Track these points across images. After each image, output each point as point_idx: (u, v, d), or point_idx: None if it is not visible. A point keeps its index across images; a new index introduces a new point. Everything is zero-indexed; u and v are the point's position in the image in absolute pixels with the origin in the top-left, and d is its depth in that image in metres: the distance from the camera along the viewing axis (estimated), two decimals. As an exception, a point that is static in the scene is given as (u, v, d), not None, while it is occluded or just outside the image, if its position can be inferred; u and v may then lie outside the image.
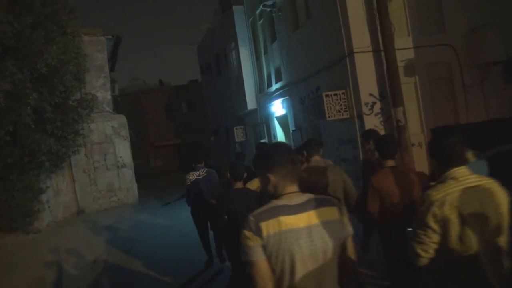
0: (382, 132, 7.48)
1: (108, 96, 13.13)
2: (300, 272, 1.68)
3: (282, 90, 11.23)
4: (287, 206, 1.72)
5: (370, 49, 7.43)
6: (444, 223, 1.99)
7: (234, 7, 14.04)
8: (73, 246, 7.76)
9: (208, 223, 6.00)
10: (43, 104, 7.63)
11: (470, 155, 3.17)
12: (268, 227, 1.67)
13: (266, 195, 1.82)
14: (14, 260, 6.91)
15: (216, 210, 3.89)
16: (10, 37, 6.78)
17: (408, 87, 7.57)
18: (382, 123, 7.49)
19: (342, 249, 1.77)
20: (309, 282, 1.69)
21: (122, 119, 13.19)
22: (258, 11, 12.22)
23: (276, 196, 1.77)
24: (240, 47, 13.77)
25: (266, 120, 13.22)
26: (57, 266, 6.58)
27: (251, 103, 13.76)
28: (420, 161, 7.27)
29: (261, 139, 13.55)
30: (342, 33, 7.67)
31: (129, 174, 13.08)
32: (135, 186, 13.28)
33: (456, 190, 2.00)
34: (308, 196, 1.78)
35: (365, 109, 7.46)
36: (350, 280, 1.80)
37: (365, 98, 7.46)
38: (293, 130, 10.89)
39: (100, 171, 12.63)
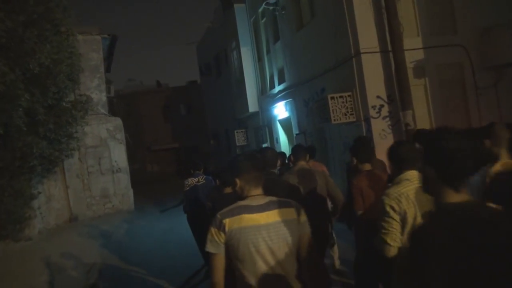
0: (390, 136, 7.46)
1: (103, 97, 13.14)
2: (258, 263, 2.02)
3: (285, 92, 11.23)
4: (250, 206, 2.09)
5: (377, 49, 7.43)
6: (402, 217, 2.35)
7: (236, 5, 14.08)
8: (66, 254, 7.73)
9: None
10: (35, 105, 7.63)
11: None
12: (231, 223, 2.04)
13: (237, 197, 2.21)
14: (3, 269, 6.88)
15: (211, 213, 4.20)
16: (1, 35, 6.79)
17: (418, 89, 7.55)
18: (390, 126, 7.47)
19: (301, 245, 2.09)
20: (267, 272, 2.02)
21: (118, 121, 13.19)
22: (260, 10, 12.24)
23: (243, 197, 2.16)
24: (241, 47, 13.79)
25: (268, 123, 13.20)
26: (48, 275, 6.54)
27: (252, 106, 13.76)
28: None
29: (263, 143, 13.53)
30: (348, 32, 7.67)
31: (124, 179, 13.06)
32: (131, 192, 13.26)
33: (411, 188, 2.35)
34: (269, 198, 2.15)
35: (372, 112, 7.45)
36: (314, 271, 2.08)
37: (372, 100, 7.45)
38: (296, 134, 10.87)
39: (94, 176, 12.62)
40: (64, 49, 8.40)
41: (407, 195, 2.35)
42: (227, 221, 2.04)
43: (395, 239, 2.35)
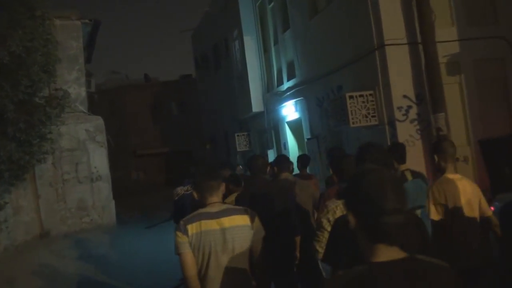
0: (418, 143, 7.44)
1: (83, 92, 13.20)
2: (213, 262, 2.76)
3: (295, 90, 11.26)
4: (208, 213, 2.84)
5: (405, 41, 7.44)
6: None
7: (238, -12, 14.15)
8: (35, 276, 7.73)
9: None
10: (4, 101, 7.68)
11: (408, 174, 4.33)
12: (193, 228, 2.78)
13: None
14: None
15: None
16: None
17: (452, 88, 7.56)
18: (419, 131, 7.48)
19: (253, 249, 2.84)
20: (221, 270, 2.77)
21: (99, 121, 13.24)
22: (267, -7, 12.31)
23: (204, 205, 2.90)
24: (244, 36, 13.84)
25: (275, 125, 13.22)
26: (15, 301, 6.54)
27: (256, 105, 13.80)
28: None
29: (269, 148, 13.54)
30: (370, 21, 7.68)
31: (105, 189, 13.08)
32: (113, 203, 13.27)
33: None
34: (226, 206, 2.94)
35: (398, 115, 7.46)
36: (259, 270, 2.91)
37: (398, 100, 7.46)
38: (308, 139, 10.89)
39: (70, 184, 12.63)
40: (39, 36, 8.46)
41: (342, 207, 2.87)
42: (189, 226, 2.79)
43: (322, 246, 3.00)
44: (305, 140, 11.08)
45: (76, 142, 12.83)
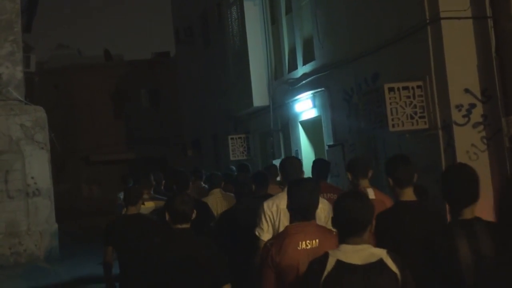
0: (484, 155, 7.43)
1: (19, 73, 13.19)
2: None
3: (314, 77, 11.26)
4: None
5: (469, 13, 7.45)
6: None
7: None
8: None
9: None
10: None
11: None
12: None
13: None
14: None
15: None
16: None
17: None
18: (485, 140, 7.46)
19: None
20: None
21: (40, 113, 13.22)
22: None
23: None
24: (245, 1, 13.84)
25: (284, 126, 13.22)
26: None
27: (259, 97, 13.76)
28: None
29: (274, 157, 13.47)
30: (421, -16, 7.72)
31: (46, 207, 13.05)
32: (55, 228, 13.25)
33: None
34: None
35: (456, 116, 7.46)
36: None
37: (457, 96, 7.46)
38: (329, 146, 10.89)
39: (-4, 200, 12.63)
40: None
41: None
42: None
43: None
44: (326, 147, 11.08)
45: (7, 141, 12.81)
